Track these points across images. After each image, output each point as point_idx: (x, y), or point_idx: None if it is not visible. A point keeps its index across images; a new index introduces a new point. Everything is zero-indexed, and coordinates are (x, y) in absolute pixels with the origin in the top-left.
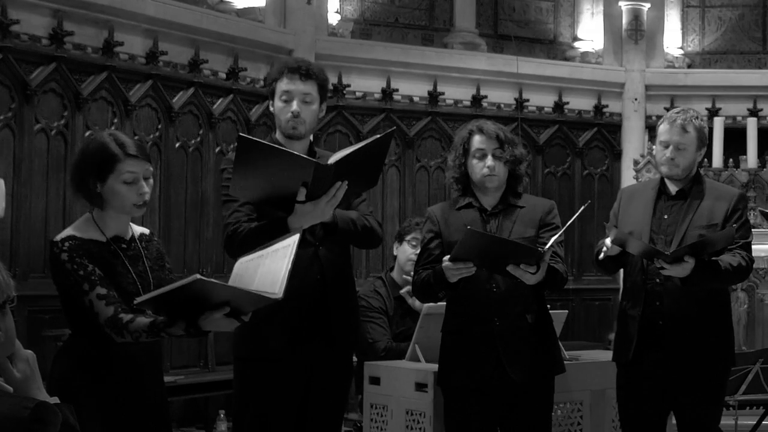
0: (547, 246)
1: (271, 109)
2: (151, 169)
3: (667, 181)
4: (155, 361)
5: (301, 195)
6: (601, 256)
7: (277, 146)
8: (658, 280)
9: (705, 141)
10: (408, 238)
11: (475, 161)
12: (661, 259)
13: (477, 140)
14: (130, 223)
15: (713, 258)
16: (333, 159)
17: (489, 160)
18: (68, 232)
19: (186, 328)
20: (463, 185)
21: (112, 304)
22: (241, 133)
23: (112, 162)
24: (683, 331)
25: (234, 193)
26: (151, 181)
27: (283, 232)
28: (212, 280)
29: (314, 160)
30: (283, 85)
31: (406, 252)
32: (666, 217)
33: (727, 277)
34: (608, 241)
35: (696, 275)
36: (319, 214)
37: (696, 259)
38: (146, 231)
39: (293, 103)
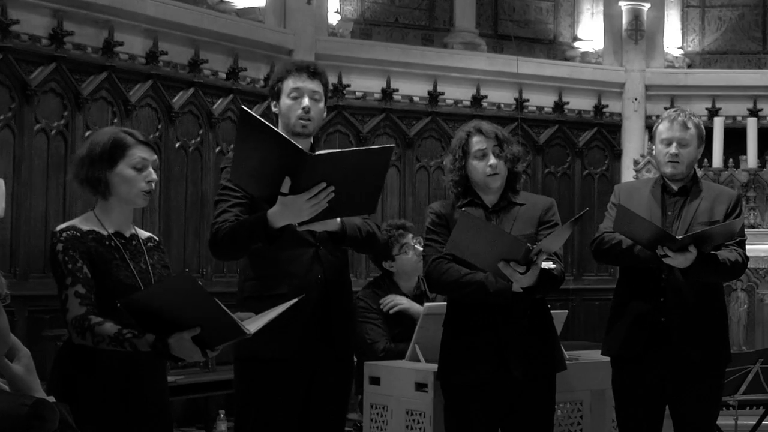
0: (536, 246)
1: (275, 109)
2: (158, 160)
3: (667, 179)
4: (157, 359)
5: (285, 186)
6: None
7: (269, 125)
8: (663, 276)
9: (703, 139)
10: (396, 251)
11: (475, 162)
12: (667, 246)
13: (476, 140)
14: (136, 227)
15: (712, 252)
16: (318, 152)
17: (491, 159)
18: (69, 222)
19: (153, 343)
20: (463, 187)
21: (86, 305)
22: (243, 106)
23: (124, 147)
24: (686, 327)
25: (233, 177)
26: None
27: (262, 228)
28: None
29: (298, 146)
30: (291, 83)
31: (409, 260)
32: (669, 213)
33: (725, 271)
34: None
35: (696, 267)
36: (296, 211)
37: (697, 252)
38: (155, 237)
39: (304, 100)
